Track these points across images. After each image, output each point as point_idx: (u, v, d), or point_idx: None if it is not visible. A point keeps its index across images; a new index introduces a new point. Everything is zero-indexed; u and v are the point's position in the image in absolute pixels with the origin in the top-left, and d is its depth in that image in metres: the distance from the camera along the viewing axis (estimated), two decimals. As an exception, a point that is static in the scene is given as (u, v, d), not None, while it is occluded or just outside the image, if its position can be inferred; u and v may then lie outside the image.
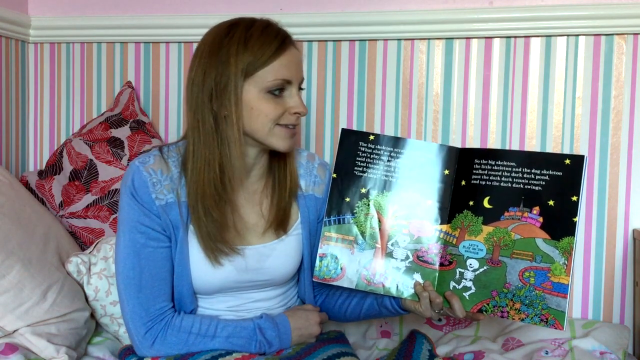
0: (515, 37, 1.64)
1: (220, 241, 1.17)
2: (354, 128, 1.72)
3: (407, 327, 1.55)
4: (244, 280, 1.22)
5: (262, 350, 1.18)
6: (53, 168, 1.70)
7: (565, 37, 1.62)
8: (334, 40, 1.72)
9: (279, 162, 1.25)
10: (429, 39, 1.68)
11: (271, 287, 1.26)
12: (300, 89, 1.19)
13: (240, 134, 1.14)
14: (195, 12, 1.78)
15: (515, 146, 1.65)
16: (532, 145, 1.64)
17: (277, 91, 1.14)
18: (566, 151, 1.63)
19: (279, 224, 1.24)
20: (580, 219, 1.62)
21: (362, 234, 1.17)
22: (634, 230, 1.60)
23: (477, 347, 1.44)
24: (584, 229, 1.63)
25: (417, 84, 1.69)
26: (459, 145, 1.67)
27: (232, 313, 1.24)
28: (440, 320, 1.56)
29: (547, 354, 1.38)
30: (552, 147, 1.63)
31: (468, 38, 1.66)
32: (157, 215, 1.16)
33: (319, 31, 1.71)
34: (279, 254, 1.24)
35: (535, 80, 1.64)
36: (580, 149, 1.62)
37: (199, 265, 1.18)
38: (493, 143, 1.66)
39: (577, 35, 1.61)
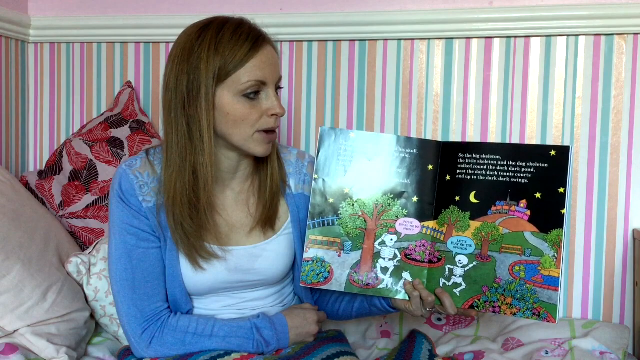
0: (515, 37, 1.63)
1: (194, 247, 1.16)
2: (354, 128, 1.72)
3: (407, 327, 1.55)
4: (234, 280, 1.21)
5: (260, 350, 1.17)
6: (53, 168, 1.70)
7: (565, 37, 1.62)
8: (334, 40, 1.72)
9: (264, 162, 1.24)
10: (429, 39, 1.68)
11: (264, 286, 1.26)
12: (278, 87, 1.17)
13: (211, 141, 1.12)
14: (195, 12, 1.78)
15: (515, 146, 1.65)
16: (532, 145, 1.64)
17: (252, 94, 1.12)
18: (566, 151, 1.63)
19: (266, 222, 1.23)
20: (580, 219, 1.63)
21: (348, 235, 1.15)
22: (634, 230, 1.60)
23: (477, 347, 1.44)
24: (584, 229, 1.63)
25: (417, 84, 1.69)
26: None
27: (228, 313, 1.24)
28: (440, 320, 1.57)
29: (547, 354, 1.38)
30: (552, 147, 1.63)
31: (468, 38, 1.66)
32: (146, 216, 1.17)
33: (319, 31, 1.71)
34: (269, 254, 1.23)
35: (535, 80, 1.64)
36: (580, 149, 1.62)
37: (190, 266, 1.18)
38: (493, 143, 1.66)
39: (577, 35, 1.61)
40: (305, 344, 1.21)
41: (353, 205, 1.16)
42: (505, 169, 1.11)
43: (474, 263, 1.12)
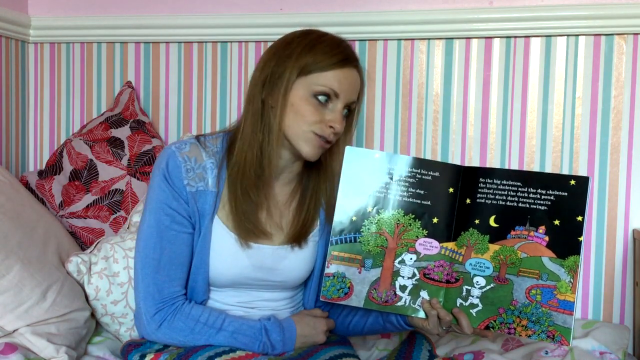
0: (515, 37, 1.64)
1: (253, 222, 1.19)
2: (354, 128, 1.72)
3: (407, 327, 1.55)
4: (257, 277, 1.23)
5: (265, 351, 1.18)
6: (53, 168, 1.70)
7: (565, 37, 1.62)
8: (334, 40, 1.72)
9: (317, 180, 1.26)
10: (429, 39, 1.68)
11: (282, 289, 1.27)
12: (347, 112, 1.20)
13: (281, 125, 1.17)
14: (195, 12, 1.78)
15: (515, 146, 1.65)
16: (532, 145, 1.64)
17: (322, 98, 1.16)
18: (566, 151, 1.63)
19: (296, 240, 1.25)
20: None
21: (369, 252, 1.17)
22: (634, 230, 1.60)
23: (477, 347, 1.44)
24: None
25: (417, 84, 1.69)
26: (459, 148, 1.68)
27: (240, 308, 1.24)
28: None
29: (547, 354, 1.38)
30: (552, 147, 1.63)
31: (468, 38, 1.66)
32: (186, 201, 1.18)
33: (319, 31, 1.71)
34: (295, 257, 1.25)
35: (535, 80, 1.64)
36: (580, 149, 1.62)
37: (218, 256, 1.20)
38: (493, 143, 1.66)
39: (577, 35, 1.61)
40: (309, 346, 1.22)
41: (375, 223, 1.17)
42: (526, 195, 1.13)
43: (492, 285, 1.14)
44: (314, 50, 1.16)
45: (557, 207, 1.12)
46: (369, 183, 1.17)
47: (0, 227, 1.31)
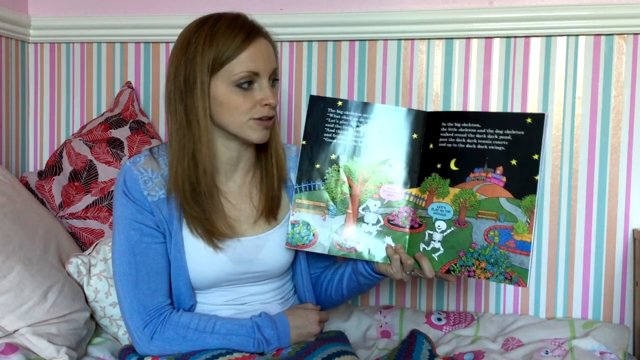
0: (515, 37, 1.64)
1: (207, 228, 1.18)
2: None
3: (407, 327, 1.55)
4: (239, 272, 1.22)
5: (260, 349, 1.18)
6: (53, 169, 1.70)
7: (565, 37, 1.62)
8: (334, 40, 1.72)
9: (265, 153, 1.26)
10: (429, 39, 1.68)
11: (267, 279, 1.27)
12: (274, 79, 1.19)
13: (208, 129, 1.16)
14: (195, 12, 1.78)
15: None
16: (532, 145, 1.64)
17: (245, 84, 1.14)
18: (566, 151, 1.63)
19: (270, 212, 1.25)
20: (580, 219, 1.63)
21: (333, 200, 1.19)
22: (634, 230, 1.61)
23: (477, 347, 1.44)
24: (584, 229, 1.63)
25: (417, 84, 1.69)
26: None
27: (230, 307, 1.24)
28: (440, 320, 1.56)
29: (547, 354, 1.38)
30: (552, 147, 1.63)
31: (468, 38, 1.66)
32: (150, 211, 1.18)
33: (319, 31, 1.71)
34: (272, 244, 1.25)
35: (535, 80, 1.64)
36: (580, 149, 1.62)
37: (194, 258, 1.20)
38: (493, 143, 1.66)
39: (577, 35, 1.61)
40: (306, 343, 1.22)
41: (339, 171, 1.19)
42: (484, 136, 1.13)
43: (452, 228, 1.14)
44: (214, 41, 1.13)
45: (514, 146, 1.11)
46: (333, 130, 1.18)
47: (1, 227, 1.31)
